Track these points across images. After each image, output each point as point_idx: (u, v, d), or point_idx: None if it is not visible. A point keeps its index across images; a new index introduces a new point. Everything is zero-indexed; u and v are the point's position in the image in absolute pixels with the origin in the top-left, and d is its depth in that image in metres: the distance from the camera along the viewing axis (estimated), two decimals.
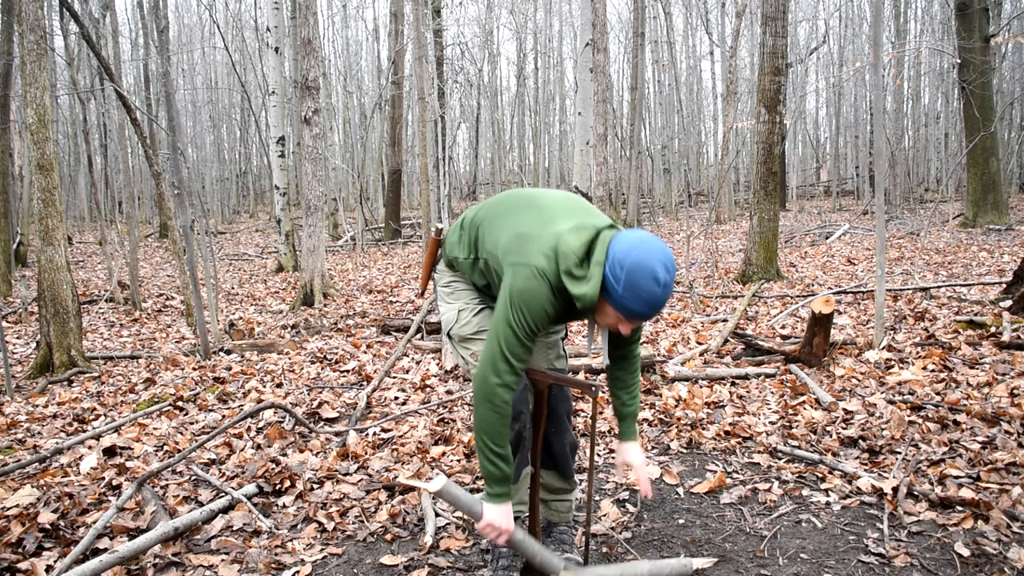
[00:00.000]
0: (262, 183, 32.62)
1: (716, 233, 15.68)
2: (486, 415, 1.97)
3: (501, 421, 1.97)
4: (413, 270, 12.19)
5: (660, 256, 1.83)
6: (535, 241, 1.95)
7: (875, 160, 5.70)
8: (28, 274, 12.86)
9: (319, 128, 8.87)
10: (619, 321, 1.95)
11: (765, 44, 8.69)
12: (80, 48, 14.20)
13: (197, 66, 31.98)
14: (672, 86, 22.68)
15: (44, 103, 5.44)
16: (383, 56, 24.26)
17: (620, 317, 1.92)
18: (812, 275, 9.22)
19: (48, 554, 2.57)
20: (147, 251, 17.29)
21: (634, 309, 1.86)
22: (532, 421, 2.30)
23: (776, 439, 3.47)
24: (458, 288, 2.32)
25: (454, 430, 3.76)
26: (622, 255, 1.85)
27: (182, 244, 6.96)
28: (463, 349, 2.29)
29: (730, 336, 5.36)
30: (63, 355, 5.65)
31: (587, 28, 5.39)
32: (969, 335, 4.87)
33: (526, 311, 1.92)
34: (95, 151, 16.65)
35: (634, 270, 1.82)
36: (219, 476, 3.28)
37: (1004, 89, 20.84)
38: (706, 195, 27.09)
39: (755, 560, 2.43)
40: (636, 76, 17.35)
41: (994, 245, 11.05)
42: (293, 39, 14.90)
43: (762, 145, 8.72)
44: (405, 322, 6.81)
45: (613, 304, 1.89)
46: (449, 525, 2.75)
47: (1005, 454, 3.00)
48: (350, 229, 18.71)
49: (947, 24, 19.96)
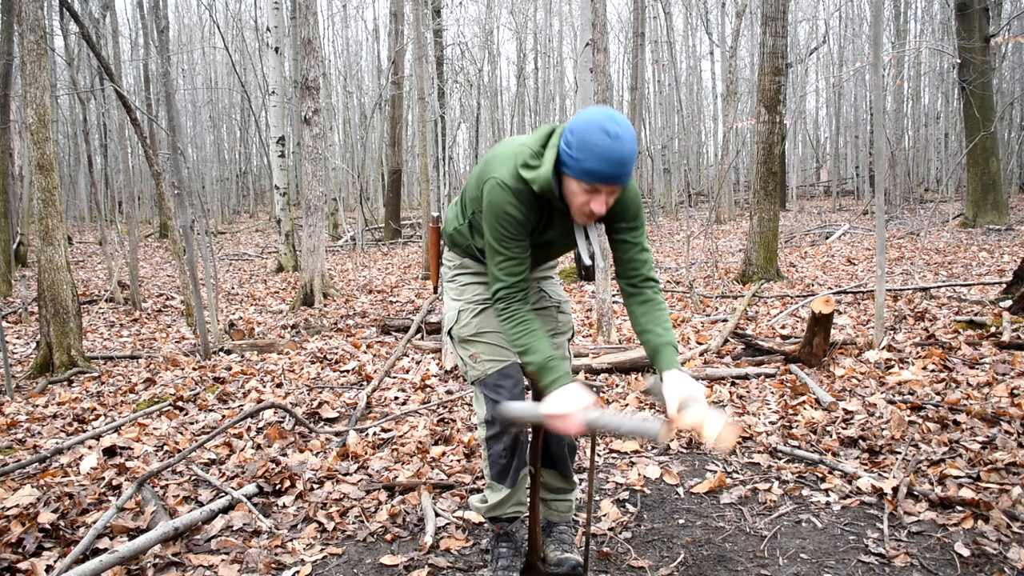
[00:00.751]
0: (262, 183, 32.63)
1: (716, 233, 15.67)
2: (504, 327, 2.04)
3: (512, 328, 2.00)
4: (413, 270, 12.19)
5: (608, 113, 1.85)
6: (499, 157, 2.02)
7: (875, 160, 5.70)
8: (28, 274, 12.86)
9: (319, 128, 8.87)
10: (588, 196, 1.91)
11: (765, 44, 8.70)
12: (80, 48, 14.20)
13: (197, 66, 31.98)
14: (672, 86, 22.69)
15: (44, 103, 5.44)
16: (383, 56, 24.26)
17: (585, 189, 1.90)
18: (812, 275, 9.22)
19: (48, 554, 2.57)
20: (147, 251, 17.29)
21: (592, 168, 1.84)
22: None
23: (776, 439, 3.47)
24: (463, 282, 2.30)
25: (454, 430, 3.76)
26: (571, 126, 1.88)
27: (182, 244, 6.96)
28: (462, 350, 2.27)
29: (730, 336, 5.36)
30: (63, 355, 5.65)
31: (587, 28, 5.39)
32: (969, 335, 4.87)
33: (495, 220, 1.98)
34: (95, 151, 16.65)
35: (583, 130, 1.84)
36: (219, 476, 3.28)
37: (1004, 89, 20.84)
38: (706, 195, 27.09)
39: (755, 560, 2.43)
40: (636, 76, 17.36)
41: (994, 245, 11.05)
42: (293, 39, 14.90)
43: (762, 145, 8.72)
44: (405, 322, 6.81)
45: (573, 175, 1.89)
46: (449, 525, 2.75)
47: (1005, 454, 3.00)
48: (350, 229, 18.71)
49: (947, 24, 19.96)
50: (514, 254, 2.01)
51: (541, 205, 2.03)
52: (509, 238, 2.00)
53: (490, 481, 2.28)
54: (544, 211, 2.05)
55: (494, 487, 2.27)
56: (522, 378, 2.27)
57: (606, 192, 1.91)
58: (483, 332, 2.23)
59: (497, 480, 2.26)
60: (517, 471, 2.25)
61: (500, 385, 2.20)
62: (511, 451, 2.22)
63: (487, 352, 2.22)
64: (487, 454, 2.25)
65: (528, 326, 2.00)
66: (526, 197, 1.99)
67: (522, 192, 1.98)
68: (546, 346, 1.98)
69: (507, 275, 2.02)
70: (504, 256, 2.01)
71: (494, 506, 2.29)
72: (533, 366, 1.97)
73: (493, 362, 2.22)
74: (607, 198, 1.93)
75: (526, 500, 2.32)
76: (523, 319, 2.01)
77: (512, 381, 2.22)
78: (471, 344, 2.25)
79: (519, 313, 2.02)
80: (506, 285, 2.03)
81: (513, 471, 2.24)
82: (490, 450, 2.23)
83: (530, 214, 2.01)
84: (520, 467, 2.25)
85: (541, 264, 2.32)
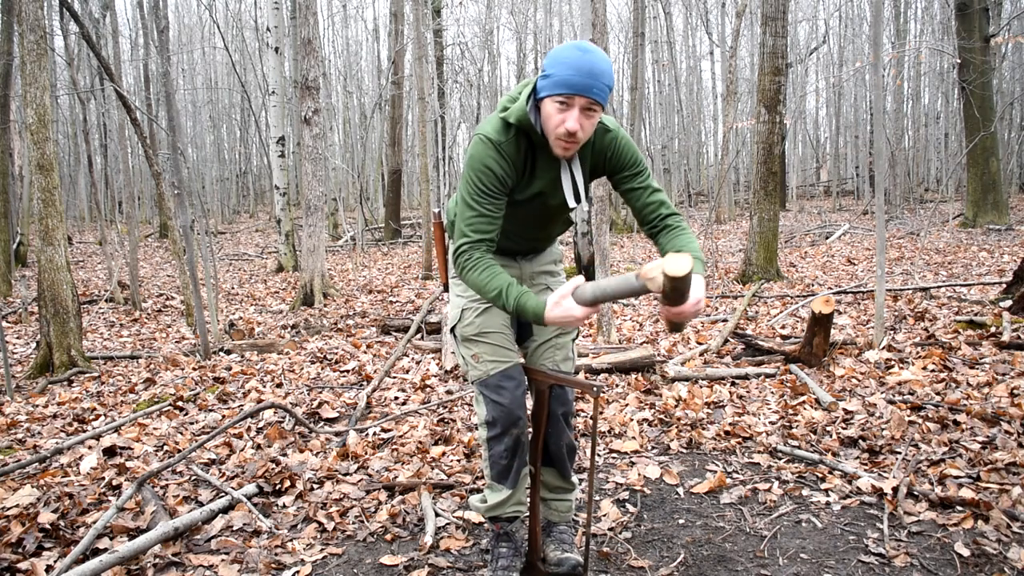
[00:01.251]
0: (262, 183, 32.62)
1: (716, 233, 15.68)
2: (467, 279, 2.01)
3: (482, 275, 1.97)
4: (413, 270, 12.19)
5: (581, 41, 1.92)
6: (485, 120, 2.07)
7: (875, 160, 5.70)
8: (28, 274, 12.86)
9: (319, 128, 8.87)
10: (562, 115, 1.92)
11: (765, 44, 8.70)
12: (80, 48, 14.20)
13: (197, 66, 31.97)
14: (672, 86, 22.69)
15: (44, 103, 5.44)
16: (383, 56, 24.26)
17: (559, 106, 1.91)
18: (812, 275, 9.22)
19: (48, 554, 2.57)
20: (147, 251, 17.29)
21: (563, 77, 1.87)
22: (533, 420, 2.30)
23: (776, 439, 3.47)
24: None
25: (454, 430, 3.76)
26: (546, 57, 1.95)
27: (182, 244, 6.96)
28: (464, 349, 2.27)
29: (730, 336, 5.36)
30: (63, 355, 5.65)
31: (587, 28, 5.39)
32: (969, 335, 4.87)
33: (473, 174, 2.00)
34: (95, 151, 16.65)
35: (555, 52, 1.92)
36: (219, 476, 3.28)
37: (1004, 89, 20.84)
38: (706, 195, 27.09)
39: (755, 560, 2.43)
40: (636, 76, 17.33)
41: (994, 245, 11.05)
42: (293, 39, 14.90)
43: (762, 145, 8.72)
44: (405, 322, 6.81)
45: (548, 93, 1.92)
46: (449, 525, 2.75)
47: (1005, 454, 3.00)
48: (350, 229, 18.71)
49: (947, 24, 19.96)
50: (486, 211, 2.00)
51: (523, 155, 2.03)
52: (484, 193, 1.99)
53: (490, 481, 2.28)
54: (527, 161, 2.05)
55: (494, 487, 2.27)
56: (524, 379, 2.26)
57: (580, 107, 1.91)
58: (487, 332, 2.22)
59: (497, 480, 2.25)
60: (518, 472, 2.24)
61: (502, 386, 2.19)
62: (512, 452, 2.21)
63: (490, 353, 2.22)
64: (488, 455, 2.25)
65: (495, 270, 1.97)
66: (507, 149, 2.00)
67: (503, 144, 1.99)
68: (517, 283, 1.95)
69: (475, 231, 2.00)
70: (476, 212, 2.00)
71: (494, 506, 2.29)
72: (512, 302, 1.93)
73: (496, 363, 2.21)
74: (581, 117, 1.92)
75: (526, 500, 2.32)
76: (489, 265, 1.98)
77: (515, 383, 2.21)
78: (474, 344, 2.24)
79: (484, 260, 1.98)
80: (471, 240, 2.00)
81: (514, 472, 2.24)
82: (491, 451, 2.23)
83: (510, 169, 2.01)
84: (520, 467, 2.25)
85: (539, 231, 2.29)
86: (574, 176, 2.10)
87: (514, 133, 2.02)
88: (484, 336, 2.22)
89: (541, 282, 2.39)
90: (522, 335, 2.32)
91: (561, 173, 2.09)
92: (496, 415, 2.19)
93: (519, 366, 2.25)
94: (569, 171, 2.09)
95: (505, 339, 2.23)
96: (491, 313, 2.23)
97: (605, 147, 2.13)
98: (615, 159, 2.12)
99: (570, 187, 2.10)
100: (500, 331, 2.23)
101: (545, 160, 2.07)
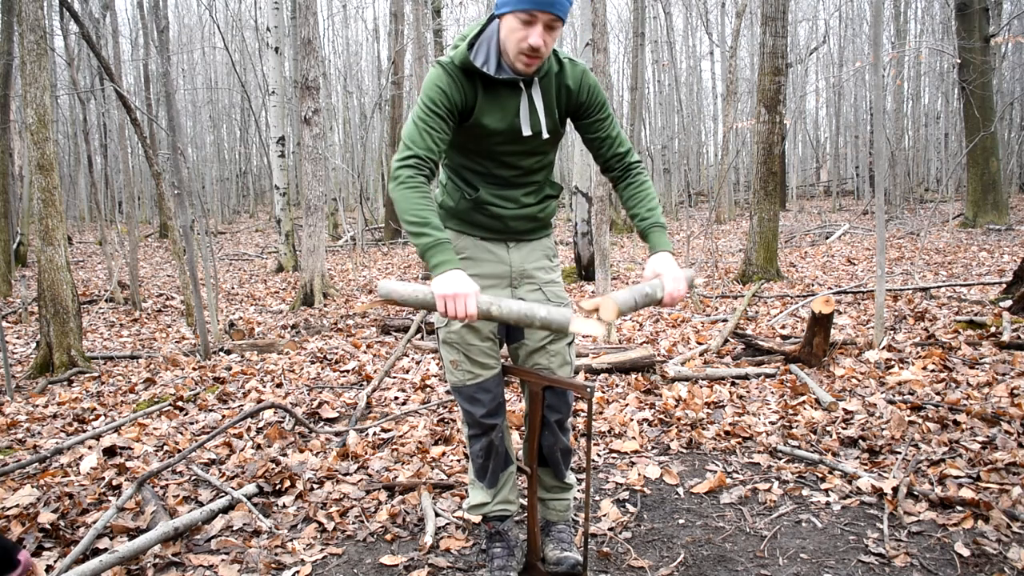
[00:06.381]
0: (262, 183, 32.63)
1: (716, 233, 15.67)
2: (394, 193, 1.94)
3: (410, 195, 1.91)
4: (413, 270, 12.18)
5: None
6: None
7: (875, 160, 5.70)
8: (28, 274, 12.86)
9: (319, 128, 8.87)
10: (525, 31, 1.91)
11: (765, 44, 8.70)
12: (80, 48, 14.20)
13: (197, 66, 31.99)
14: (672, 86, 22.70)
15: (44, 103, 5.44)
16: (383, 56, 24.25)
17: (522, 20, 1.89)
18: (812, 275, 9.22)
19: (48, 554, 2.57)
20: (147, 251, 17.29)
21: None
22: (527, 422, 2.30)
23: (776, 439, 3.47)
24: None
25: (454, 430, 3.76)
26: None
27: (182, 244, 6.96)
28: (445, 351, 2.22)
29: (730, 336, 5.36)
30: (63, 355, 5.65)
31: (587, 28, 5.40)
32: (969, 335, 4.87)
33: (425, 95, 2.00)
34: (95, 151, 16.66)
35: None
36: (219, 476, 3.28)
37: (1004, 89, 20.84)
38: (706, 195, 27.09)
39: (755, 560, 2.43)
40: (636, 76, 17.34)
41: (994, 245, 11.05)
42: (293, 39, 14.90)
43: (762, 145, 8.72)
44: (405, 322, 6.81)
45: (510, 9, 1.90)
46: (449, 525, 2.75)
47: (1005, 454, 3.00)
48: (350, 229, 18.71)
49: (947, 24, 19.96)
50: (431, 127, 1.97)
51: (471, 82, 2.02)
52: (431, 112, 1.97)
53: (472, 478, 2.33)
54: (475, 88, 2.02)
55: (475, 484, 2.33)
56: (501, 391, 2.24)
57: (543, 23, 1.89)
58: (469, 343, 2.18)
59: (477, 478, 2.31)
60: (495, 472, 2.28)
61: (476, 398, 2.20)
62: (487, 452, 2.25)
63: (468, 364, 2.20)
64: (470, 451, 2.31)
65: (429, 203, 1.92)
66: (456, 72, 2.00)
67: (454, 66, 2.00)
68: (440, 227, 1.92)
69: (416, 144, 1.95)
70: (422, 127, 1.96)
71: (478, 505, 2.33)
72: (424, 243, 1.88)
73: (472, 375, 2.20)
74: (544, 33, 1.91)
75: (513, 499, 2.35)
76: (426, 193, 1.93)
77: (490, 396, 2.21)
78: (454, 350, 2.20)
79: (423, 187, 1.94)
80: (413, 154, 1.94)
81: (491, 472, 2.27)
82: (471, 447, 2.29)
83: (457, 91, 1.99)
84: (498, 469, 2.28)
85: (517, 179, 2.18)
86: (533, 103, 2.06)
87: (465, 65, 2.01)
88: (465, 347, 2.18)
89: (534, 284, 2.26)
90: (512, 337, 2.27)
91: (520, 106, 2.05)
92: (469, 421, 2.24)
93: (497, 378, 2.23)
94: (528, 102, 2.05)
95: (487, 350, 2.19)
96: (478, 322, 2.12)
97: (577, 78, 2.10)
98: (590, 96, 2.11)
99: (527, 115, 2.05)
100: (483, 342, 2.18)
101: (504, 89, 2.04)
